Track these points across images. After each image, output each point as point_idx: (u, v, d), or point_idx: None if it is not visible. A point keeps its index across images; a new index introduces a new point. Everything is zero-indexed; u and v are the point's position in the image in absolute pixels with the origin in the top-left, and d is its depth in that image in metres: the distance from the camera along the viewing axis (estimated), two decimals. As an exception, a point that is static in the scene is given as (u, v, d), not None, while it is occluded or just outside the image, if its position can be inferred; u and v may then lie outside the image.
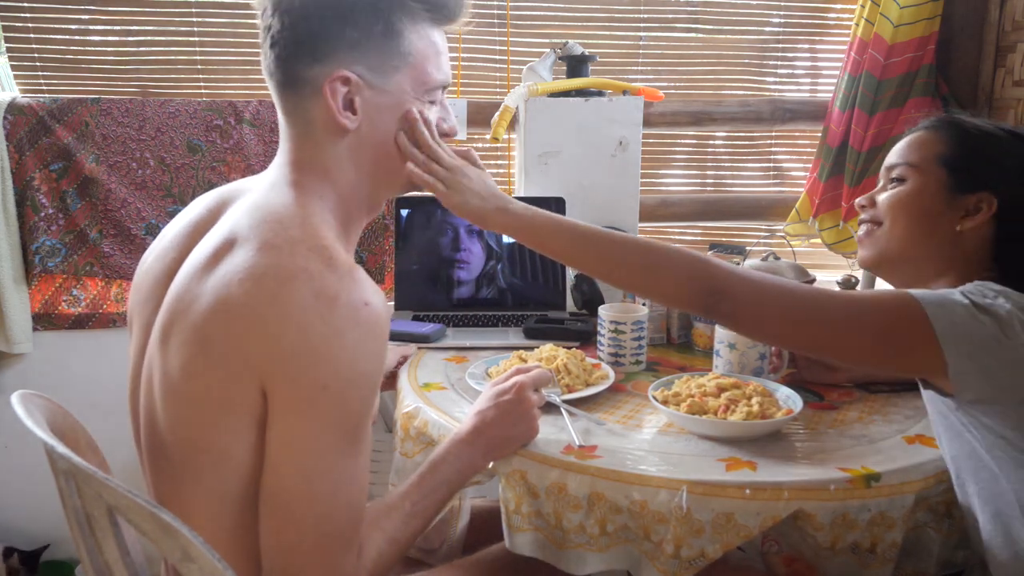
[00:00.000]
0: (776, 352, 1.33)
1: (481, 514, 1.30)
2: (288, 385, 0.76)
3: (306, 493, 0.77)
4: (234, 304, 0.77)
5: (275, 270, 0.77)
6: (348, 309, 0.76)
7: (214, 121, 1.94)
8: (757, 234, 2.33)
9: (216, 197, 0.97)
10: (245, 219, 0.84)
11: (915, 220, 1.00)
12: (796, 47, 2.23)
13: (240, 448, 0.79)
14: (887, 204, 1.03)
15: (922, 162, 1.00)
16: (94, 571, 0.81)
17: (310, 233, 0.82)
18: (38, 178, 1.88)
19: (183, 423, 0.82)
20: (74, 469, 0.76)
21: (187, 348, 0.79)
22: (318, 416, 0.76)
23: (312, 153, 0.89)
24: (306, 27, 0.84)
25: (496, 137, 1.84)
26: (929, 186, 0.99)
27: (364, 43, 0.85)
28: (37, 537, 2.00)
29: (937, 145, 1.00)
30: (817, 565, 1.00)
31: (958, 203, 0.98)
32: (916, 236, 1.00)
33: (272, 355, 0.75)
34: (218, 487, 0.81)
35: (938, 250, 0.99)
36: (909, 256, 1.01)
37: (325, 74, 0.84)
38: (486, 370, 1.34)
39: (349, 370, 0.76)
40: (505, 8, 2.08)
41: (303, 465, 0.77)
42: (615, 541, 0.99)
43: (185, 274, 0.84)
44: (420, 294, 1.79)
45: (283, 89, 0.88)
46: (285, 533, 0.79)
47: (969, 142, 0.99)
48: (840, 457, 1.04)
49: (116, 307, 1.99)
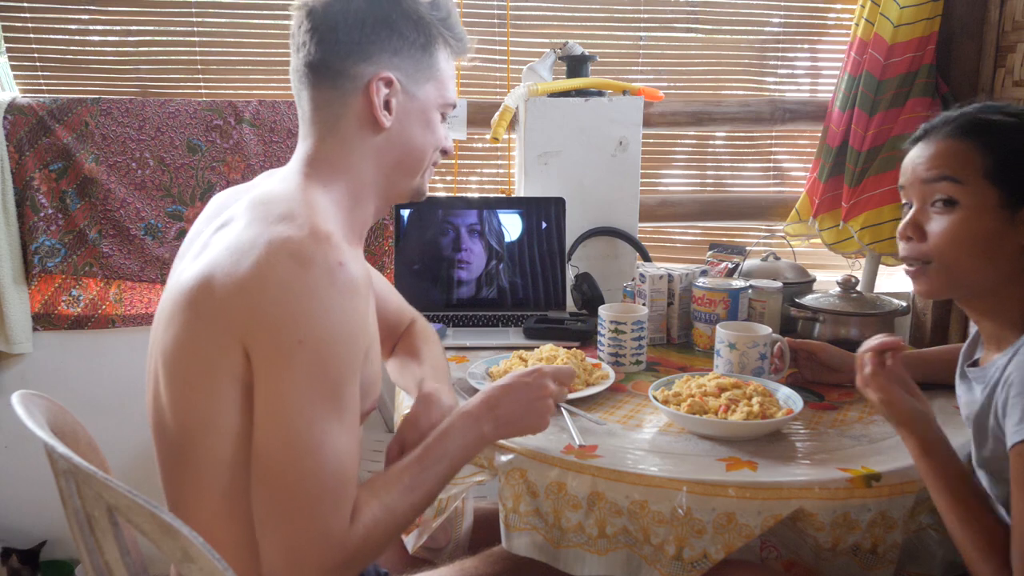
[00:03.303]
0: (778, 353, 1.33)
1: (485, 515, 1.30)
2: (267, 343, 0.79)
3: (289, 451, 0.79)
4: (218, 272, 0.81)
5: (258, 239, 0.82)
6: (323, 269, 0.80)
7: (214, 121, 1.94)
8: (757, 234, 2.33)
9: (231, 194, 1.03)
10: (243, 206, 0.90)
11: (978, 251, 0.92)
12: (796, 47, 2.23)
13: (230, 415, 0.82)
14: (944, 241, 0.94)
15: (966, 177, 0.92)
16: (94, 571, 0.81)
17: (301, 213, 0.85)
18: (38, 178, 1.88)
19: (180, 398, 0.85)
20: (74, 469, 0.76)
21: (177, 320, 0.84)
22: (296, 372, 0.79)
23: (333, 148, 0.94)
24: (359, 28, 0.91)
25: (496, 137, 1.84)
26: (983, 210, 0.91)
27: (405, 52, 0.93)
28: (36, 536, 2.00)
29: (977, 157, 0.92)
30: (818, 567, 1.00)
31: (1017, 220, 0.91)
32: (981, 266, 0.93)
33: (252, 315, 0.79)
34: (213, 458, 0.84)
35: (1009, 269, 0.93)
36: (979, 287, 0.95)
37: (371, 72, 0.91)
38: (486, 370, 1.34)
39: (324, 326, 0.80)
40: (505, 8, 2.08)
41: (285, 423, 0.79)
42: (614, 545, 0.99)
43: (183, 260, 0.91)
44: (420, 294, 1.79)
45: (320, 82, 0.93)
46: (272, 495, 0.80)
47: (1011, 148, 0.91)
48: (840, 457, 1.04)
49: (115, 307, 1.99)
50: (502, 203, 1.84)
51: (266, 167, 1.96)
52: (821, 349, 1.34)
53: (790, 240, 2.12)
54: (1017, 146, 0.91)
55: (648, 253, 2.01)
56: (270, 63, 2.05)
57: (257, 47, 2.04)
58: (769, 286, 1.57)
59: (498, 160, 2.21)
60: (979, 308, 0.99)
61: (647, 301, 1.58)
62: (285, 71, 2.05)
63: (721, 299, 1.50)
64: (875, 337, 1.02)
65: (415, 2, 0.94)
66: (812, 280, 1.78)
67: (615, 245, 1.99)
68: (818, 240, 2.19)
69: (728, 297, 1.50)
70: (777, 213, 2.27)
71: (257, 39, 2.03)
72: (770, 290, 1.56)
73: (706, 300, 1.52)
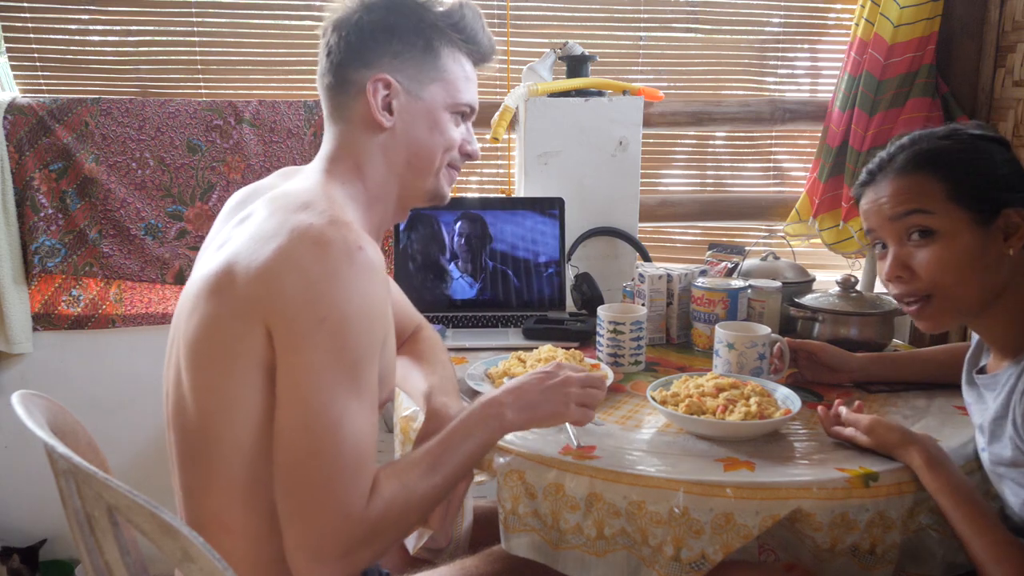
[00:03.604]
0: (777, 353, 1.33)
1: (485, 514, 1.30)
2: (289, 323, 0.82)
3: (308, 427, 0.81)
4: (241, 259, 0.85)
5: (279, 227, 0.86)
6: (343, 252, 0.84)
7: (214, 121, 1.94)
8: (757, 234, 2.33)
9: (249, 191, 1.07)
10: (263, 201, 0.95)
11: (969, 271, 0.95)
12: (796, 47, 2.23)
13: (252, 398, 0.85)
14: (937, 270, 0.96)
15: (935, 207, 0.95)
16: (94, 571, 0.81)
17: (321, 204, 0.89)
18: (38, 178, 1.88)
19: (203, 382, 0.87)
20: (74, 469, 0.76)
21: (201, 307, 0.87)
22: (317, 350, 0.82)
23: (347, 148, 1.00)
24: (358, 37, 0.97)
25: (496, 137, 1.84)
26: (960, 232, 0.94)
27: (405, 55, 0.98)
28: (36, 535, 2.01)
29: (936, 185, 0.95)
30: (817, 569, 1.00)
31: (992, 232, 0.94)
32: (976, 283, 0.95)
33: (274, 297, 0.82)
34: (233, 445, 0.86)
35: (1002, 278, 0.96)
36: (981, 304, 0.97)
37: (369, 75, 0.97)
38: (485, 371, 1.34)
39: (345, 306, 0.83)
40: (505, 8, 2.08)
41: (305, 400, 0.82)
42: (612, 546, 0.99)
43: (205, 253, 0.97)
44: (420, 295, 1.79)
45: (334, 90, 1.00)
46: (292, 471, 0.82)
47: (963, 170, 0.96)
48: (838, 457, 1.04)
49: (115, 307, 2.00)
50: (502, 203, 1.84)
51: (266, 167, 1.96)
52: (821, 349, 1.34)
53: (790, 240, 2.12)
54: (967, 166, 0.95)
55: (648, 253, 2.01)
56: (270, 63, 2.05)
57: (257, 47, 2.04)
58: (768, 286, 1.57)
59: (498, 160, 2.21)
60: (983, 323, 1.01)
61: (646, 301, 1.58)
62: (285, 71, 2.07)
63: (720, 299, 1.50)
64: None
65: (419, 7, 0.99)
66: (812, 280, 1.78)
67: (615, 245, 1.99)
68: (818, 240, 2.19)
69: (727, 297, 1.50)
70: (777, 213, 2.27)
71: (257, 39, 2.03)
72: (769, 290, 1.56)
73: (705, 300, 1.52)
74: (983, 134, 0.99)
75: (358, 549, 0.83)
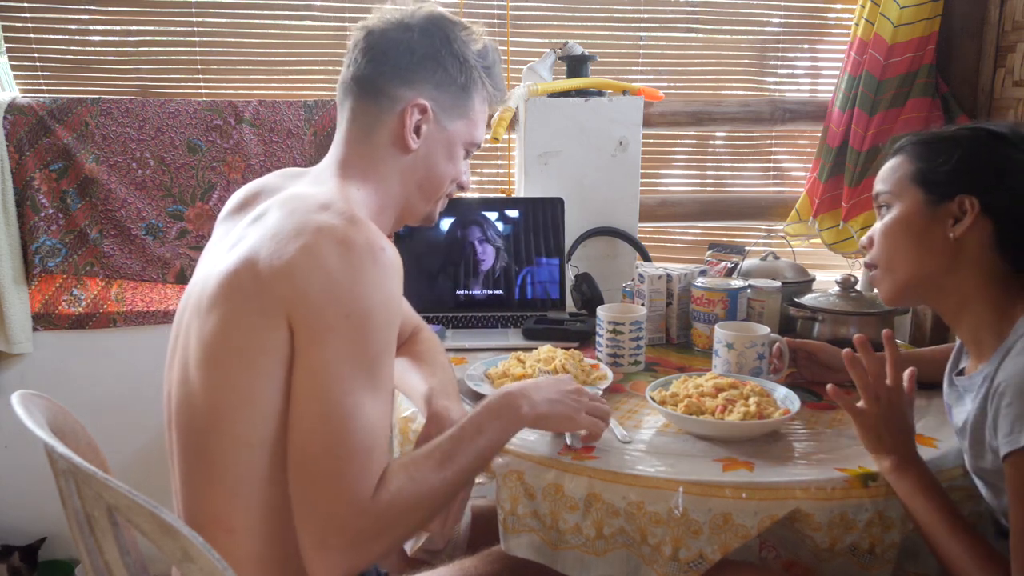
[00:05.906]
0: (777, 353, 1.33)
1: (484, 514, 1.30)
2: (313, 318, 0.84)
3: (323, 418, 0.83)
4: (263, 256, 0.87)
5: (302, 226, 0.87)
6: (366, 251, 0.86)
7: (214, 121, 1.94)
8: (757, 234, 2.34)
9: (251, 188, 1.09)
10: (278, 201, 0.96)
11: (909, 243, 1.01)
12: (796, 47, 2.23)
13: (268, 393, 0.86)
14: (880, 238, 1.04)
15: (896, 186, 1.02)
16: (94, 571, 0.81)
17: (340, 204, 0.91)
18: (38, 178, 1.88)
19: (218, 379, 0.88)
20: (74, 469, 0.76)
21: (220, 304, 0.88)
22: (339, 344, 0.84)
23: (364, 156, 1.02)
24: (409, 60, 1.00)
25: (496, 137, 1.84)
26: (909, 207, 1.00)
27: (445, 87, 1.02)
28: (36, 534, 2.01)
29: (905, 165, 1.02)
30: (816, 567, 1.00)
31: (941, 213, 0.98)
32: (916, 257, 1.00)
33: (298, 293, 0.84)
34: (242, 441, 0.87)
35: (943, 262, 0.99)
36: (919, 278, 1.01)
37: (410, 97, 1.00)
38: (485, 371, 1.34)
39: (368, 303, 0.85)
40: (505, 8, 2.08)
41: (322, 391, 0.83)
42: (612, 545, 0.99)
43: (217, 250, 0.97)
44: (419, 295, 1.79)
45: (364, 96, 1.02)
46: (304, 461, 0.84)
47: (931, 153, 1.00)
48: (838, 457, 1.05)
49: (116, 307, 2.00)
50: (502, 203, 1.85)
51: (266, 167, 1.96)
52: (820, 349, 1.34)
53: (790, 240, 2.12)
54: (938, 152, 1.00)
55: (648, 253, 2.01)
56: (270, 63, 2.05)
57: (257, 47, 2.04)
58: (768, 286, 1.57)
59: (498, 160, 2.21)
60: (946, 313, 1.03)
61: (646, 301, 1.58)
62: (285, 71, 2.07)
63: (720, 299, 1.50)
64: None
65: (464, 45, 1.03)
66: (811, 280, 1.78)
67: (615, 245, 1.99)
68: (818, 240, 2.19)
69: (727, 297, 1.50)
70: (777, 213, 2.27)
71: (257, 39, 2.03)
72: (769, 290, 1.56)
73: (705, 300, 1.52)
74: (994, 130, 0.99)
75: (365, 541, 0.83)
